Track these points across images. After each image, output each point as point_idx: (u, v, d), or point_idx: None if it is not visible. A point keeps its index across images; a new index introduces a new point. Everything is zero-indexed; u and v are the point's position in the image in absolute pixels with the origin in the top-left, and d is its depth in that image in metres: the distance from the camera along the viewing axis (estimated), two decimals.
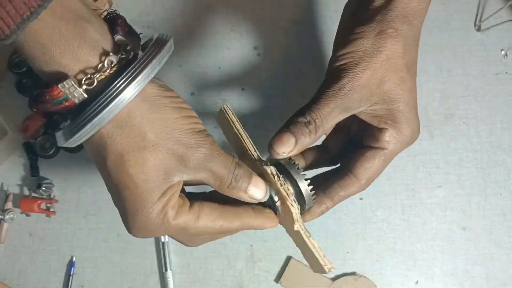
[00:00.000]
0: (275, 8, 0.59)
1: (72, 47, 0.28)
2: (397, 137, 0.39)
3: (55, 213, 0.54)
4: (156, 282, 0.52)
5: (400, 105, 0.38)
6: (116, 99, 0.28)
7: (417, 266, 0.51)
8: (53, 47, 0.28)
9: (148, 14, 0.59)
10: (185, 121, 0.32)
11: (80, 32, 0.28)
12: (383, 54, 0.37)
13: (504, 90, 0.55)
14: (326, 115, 0.38)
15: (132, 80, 0.29)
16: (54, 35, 0.28)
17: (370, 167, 0.39)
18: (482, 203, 0.53)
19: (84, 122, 0.29)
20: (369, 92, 0.38)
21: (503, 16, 0.56)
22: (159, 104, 0.31)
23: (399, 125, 0.39)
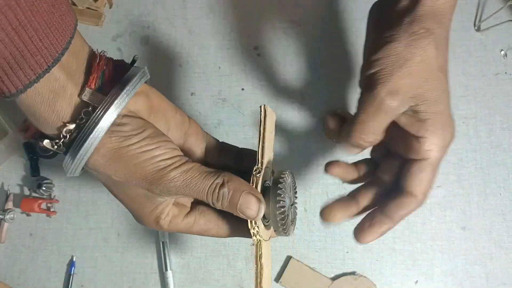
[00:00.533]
0: (275, 9, 0.59)
1: (45, 113, 0.34)
2: (438, 144, 0.37)
3: (56, 213, 0.54)
4: (156, 282, 0.52)
5: (440, 107, 0.37)
6: (75, 159, 0.34)
7: (416, 265, 0.51)
8: (33, 111, 0.34)
9: (148, 14, 0.59)
10: (145, 164, 0.34)
11: (53, 106, 0.33)
12: (418, 56, 0.36)
13: (503, 90, 0.55)
14: (372, 128, 0.37)
15: (79, 149, 0.34)
16: (35, 103, 0.33)
17: (422, 181, 0.38)
18: (482, 203, 0.53)
19: (69, 168, 0.36)
20: (408, 96, 0.36)
21: (503, 16, 0.57)
22: (116, 155, 0.34)
23: (439, 130, 0.37)
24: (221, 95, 0.57)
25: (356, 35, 0.57)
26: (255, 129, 0.55)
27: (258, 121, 0.38)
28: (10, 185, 0.56)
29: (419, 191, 0.38)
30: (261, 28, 0.58)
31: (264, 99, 0.56)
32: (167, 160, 0.35)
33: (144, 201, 0.36)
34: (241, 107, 0.56)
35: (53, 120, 0.34)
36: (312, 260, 0.52)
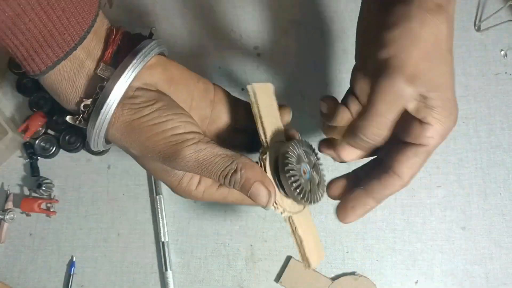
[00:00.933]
0: (275, 8, 0.59)
1: (68, 89, 0.34)
2: (440, 132, 0.35)
3: (56, 213, 0.54)
4: (156, 282, 0.52)
5: (449, 94, 0.34)
6: (92, 133, 0.34)
7: (416, 265, 0.51)
8: (56, 88, 0.34)
9: (148, 14, 0.59)
10: (157, 138, 0.34)
11: (74, 82, 0.34)
12: (432, 36, 0.32)
13: (503, 90, 0.55)
14: (386, 122, 0.35)
15: (94, 123, 0.34)
16: (57, 79, 0.34)
17: (413, 166, 0.36)
18: (482, 203, 0.53)
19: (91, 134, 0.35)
20: (423, 80, 0.33)
21: (503, 16, 0.57)
22: (129, 128, 0.34)
23: (445, 118, 0.34)
24: None
25: None
26: None
27: (250, 103, 0.38)
28: (10, 185, 0.56)
29: (407, 174, 0.36)
30: (261, 28, 0.58)
31: None
32: (180, 136, 0.34)
33: (166, 174, 0.36)
34: None
35: (73, 96, 0.34)
36: None
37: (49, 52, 0.31)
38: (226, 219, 0.53)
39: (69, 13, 0.31)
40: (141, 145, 0.34)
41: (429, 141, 0.35)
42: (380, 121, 0.34)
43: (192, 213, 0.54)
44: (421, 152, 0.35)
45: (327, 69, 0.57)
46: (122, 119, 0.34)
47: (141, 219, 0.54)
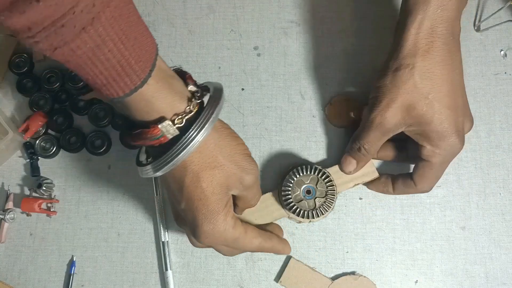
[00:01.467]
0: (275, 9, 0.59)
1: (168, 99, 0.36)
2: (437, 152, 0.44)
3: (56, 213, 0.54)
4: (156, 282, 0.52)
5: (432, 126, 0.43)
6: (199, 133, 0.37)
7: (416, 265, 0.52)
8: (154, 100, 0.36)
9: (148, 14, 0.59)
10: (241, 147, 0.41)
11: (171, 86, 0.37)
12: (402, 88, 0.42)
13: (503, 90, 0.55)
14: (369, 141, 0.46)
15: (208, 118, 0.37)
16: (155, 92, 0.36)
17: (423, 177, 0.46)
18: (481, 203, 0.53)
19: (178, 152, 0.36)
20: (401, 119, 0.43)
21: (502, 16, 0.57)
22: (223, 134, 0.40)
23: (436, 142, 0.43)
24: None
25: (356, 35, 0.57)
26: (255, 129, 0.56)
27: None
28: (10, 185, 0.56)
29: (419, 182, 0.47)
30: (261, 28, 0.58)
31: (264, 98, 0.56)
32: (248, 150, 0.42)
33: (224, 191, 0.40)
34: (241, 107, 0.56)
35: (178, 99, 0.37)
36: (312, 260, 0.52)
37: (127, 80, 0.34)
38: None
39: (140, 43, 0.34)
40: (230, 151, 0.40)
41: (429, 158, 0.45)
42: (362, 138, 0.47)
43: None
44: (426, 166, 0.45)
45: (327, 69, 0.57)
46: (219, 124, 0.40)
47: (141, 219, 0.54)
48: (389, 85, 0.43)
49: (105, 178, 0.55)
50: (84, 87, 0.57)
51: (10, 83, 0.58)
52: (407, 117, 0.43)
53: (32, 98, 0.57)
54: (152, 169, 0.38)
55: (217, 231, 0.40)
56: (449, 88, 0.43)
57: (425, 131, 0.43)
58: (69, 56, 0.31)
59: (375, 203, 0.53)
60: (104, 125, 0.56)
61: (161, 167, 0.37)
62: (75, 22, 0.29)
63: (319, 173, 0.50)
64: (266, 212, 0.51)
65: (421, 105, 0.42)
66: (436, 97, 0.42)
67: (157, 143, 0.37)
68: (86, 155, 0.56)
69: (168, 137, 0.36)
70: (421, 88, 0.42)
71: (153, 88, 0.35)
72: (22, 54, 0.58)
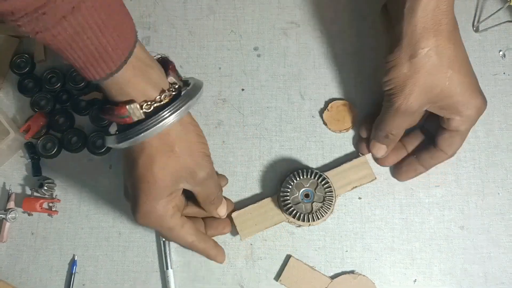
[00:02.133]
0: (275, 9, 0.59)
1: (140, 86, 0.39)
2: (465, 120, 0.46)
3: (57, 213, 0.54)
4: (157, 280, 0.53)
5: (455, 98, 0.45)
6: (164, 121, 0.39)
7: (415, 264, 0.52)
8: (127, 86, 0.38)
9: (149, 15, 0.59)
10: (201, 146, 0.43)
11: (146, 75, 0.39)
12: (422, 72, 0.44)
13: (502, 90, 0.56)
14: (396, 127, 0.48)
15: (176, 110, 0.39)
16: (130, 78, 0.38)
17: (452, 144, 0.49)
18: (480, 203, 0.53)
19: (139, 132, 0.39)
20: (425, 100, 0.45)
21: (501, 17, 0.57)
22: (188, 129, 0.42)
23: (462, 112, 0.46)
24: (221, 95, 0.57)
25: (356, 35, 0.58)
26: (255, 129, 0.56)
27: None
28: (12, 185, 0.56)
29: (449, 150, 0.49)
30: (261, 29, 0.59)
31: (264, 99, 0.57)
32: (209, 151, 0.45)
33: (172, 181, 0.42)
34: (241, 107, 0.57)
35: (150, 88, 0.40)
36: (312, 259, 0.52)
37: (103, 66, 0.36)
38: None
39: (119, 31, 0.36)
40: (188, 146, 0.42)
41: (457, 127, 0.47)
42: (390, 125, 0.48)
43: None
44: (455, 135, 0.48)
45: (327, 69, 0.57)
46: (186, 119, 0.42)
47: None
48: (408, 73, 0.44)
49: (106, 178, 0.55)
50: (85, 88, 0.57)
51: (12, 83, 0.58)
52: (430, 96, 0.45)
53: (33, 98, 0.57)
54: (115, 139, 0.40)
55: (153, 215, 0.42)
56: (460, 59, 0.45)
57: (450, 104, 0.45)
58: (50, 40, 0.33)
59: (374, 203, 0.53)
60: (105, 125, 0.56)
61: (122, 140, 0.40)
62: (56, 10, 0.32)
63: (319, 178, 0.50)
64: (266, 217, 0.51)
65: (443, 82, 0.44)
66: (452, 70, 0.44)
67: (122, 122, 0.39)
68: (87, 155, 0.56)
69: (133, 118, 0.39)
70: (439, 66, 0.44)
71: (128, 74, 0.38)
72: (23, 54, 0.58)
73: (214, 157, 0.55)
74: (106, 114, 0.40)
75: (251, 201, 0.53)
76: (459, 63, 0.45)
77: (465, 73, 0.45)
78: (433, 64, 0.43)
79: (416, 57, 0.43)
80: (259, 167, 0.55)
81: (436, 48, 0.43)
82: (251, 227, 0.51)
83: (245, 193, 0.54)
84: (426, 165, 0.51)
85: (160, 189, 0.42)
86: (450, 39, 0.44)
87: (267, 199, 0.52)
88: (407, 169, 0.52)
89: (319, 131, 0.55)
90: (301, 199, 0.50)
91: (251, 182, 0.54)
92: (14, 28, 0.33)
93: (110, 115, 0.39)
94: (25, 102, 0.58)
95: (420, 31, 0.43)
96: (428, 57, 0.43)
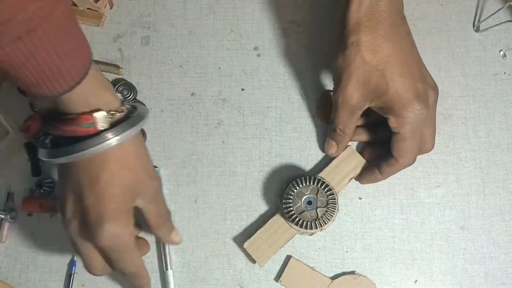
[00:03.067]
0: (275, 9, 0.59)
1: (104, 96, 0.41)
2: (401, 121, 0.46)
3: (57, 213, 0.54)
4: (156, 281, 0.53)
5: (389, 96, 0.45)
6: (122, 134, 0.40)
7: (416, 265, 0.52)
8: (90, 97, 0.40)
9: (149, 15, 0.59)
10: (150, 162, 0.45)
11: (103, 90, 0.41)
12: (353, 65, 0.45)
13: (502, 90, 0.55)
14: (341, 121, 0.49)
15: (133, 125, 0.41)
16: (92, 90, 0.40)
17: (399, 150, 0.48)
18: (481, 203, 0.53)
19: (94, 144, 0.39)
20: (361, 94, 0.46)
21: (502, 17, 0.57)
22: (141, 146, 0.45)
23: (399, 112, 0.45)
24: (221, 95, 0.57)
25: None
26: (255, 129, 0.56)
27: None
28: (12, 185, 0.56)
29: (399, 156, 0.48)
30: (261, 28, 0.58)
31: (264, 99, 0.56)
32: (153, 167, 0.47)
33: (130, 196, 0.42)
34: (241, 107, 0.57)
35: (103, 105, 0.41)
36: (312, 260, 0.52)
37: (56, 85, 0.37)
38: (226, 218, 0.54)
39: (74, 53, 0.37)
40: (145, 162, 0.44)
41: (397, 129, 0.46)
42: (336, 118, 0.49)
43: (192, 213, 0.54)
44: (399, 139, 0.47)
45: (327, 69, 0.57)
46: (132, 143, 0.43)
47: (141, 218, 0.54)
48: (342, 64, 0.45)
49: None
50: None
51: (11, 83, 0.58)
52: (365, 91, 0.46)
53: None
54: (63, 153, 0.40)
55: (117, 232, 0.41)
56: (400, 58, 0.45)
57: (385, 102, 0.46)
58: (3, 57, 0.34)
59: (374, 203, 0.53)
60: None
61: (69, 153, 0.40)
62: (11, 31, 0.33)
63: (318, 183, 0.50)
64: (277, 236, 0.51)
65: (374, 77, 0.45)
66: (386, 67, 0.45)
67: (84, 132, 0.39)
68: None
69: (98, 128, 0.39)
70: (369, 61, 0.45)
71: (89, 86, 0.39)
72: None
73: (214, 157, 0.55)
74: (69, 125, 0.40)
75: (259, 221, 0.53)
76: (397, 62, 0.45)
77: (403, 72, 0.45)
78: (362, 59, 0.44)
79: (346, 50, 0.45)
80: (259, 167, 0.55)
81: (365, 44, 0.44)
82: (266, 251, 0.51)
83: (245, 193, 0.54)
84: (383, 172, 0.50)
85: (123, 204, 0.42)
86: (387, 37, 0.45)
87: (272, 218, 0.51)
88: (366, 174, 0.52)
89: (319, 131, 0.55)
90: (304, 207, 0.50)
91: (251, 182, 0.54)
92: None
93: (74, 125, 0.39)
94: (24, 102, 0.58)
95: (352, 26, 0.44)
96: (358, 51, 0.44)
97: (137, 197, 0.43)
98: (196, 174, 0.55)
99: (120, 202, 0.41)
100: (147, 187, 0.44)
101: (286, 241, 0.51)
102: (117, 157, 0.41)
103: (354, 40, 0.45)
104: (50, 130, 0.42)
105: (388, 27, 0.45)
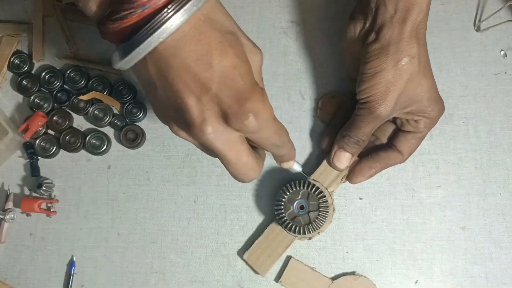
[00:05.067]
0: (275, 9, 0.59)
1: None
2: (429, 122, 0.48)
3: (56, 213, 0.54)
4: (156, 281, 0.52)
5: (423, 102, 0.47)
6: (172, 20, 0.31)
7: (416, 265, 0.51)
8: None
9: None
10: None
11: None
12: (404, 78, 0.45)
13: (503, 90, 0.55)
14: (366, 133, 0.48)
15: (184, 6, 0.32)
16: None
17: (411, 146, 0.50)
18: (481, 203, 0.53)
19: (148, 35, 0.31)
20: (397, 105, 0.46)
21: (503, 16, 0.57)
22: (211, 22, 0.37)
23: (428, 113, 0.48)
24: None
25: None
26: None
27: None
28: (10, 185, 0.56)
29: (407, 152, 0.50)
30: (261, 28, 0.58)
31: None
32: (244, 39, 0.42)
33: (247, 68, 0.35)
34: None
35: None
36: (312, 260, 0.52)
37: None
38: (226, 219, 0.53)
39: None
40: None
41: (423, 129, 0.49)
42: (361, 132, 0.49)
43: (192, 213, 0.54)
44: (417, 137, 0.50)
45: (327, 69, 0.57)
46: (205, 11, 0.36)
47: (141, 219, 0.54)
48: (392, 79, 0.45)
49: (104, 178, 0.55)
50: (83, 87, 0.57)
51: (10, 83, 0.58)
52: (403, 101, 0.46)
53: (32, 98, 0.57)
54: (119, 54, 0.34)
55: (262, 104, 0.34)
56: (429, 64, 0.47)
57: (419, 108, 0.47)
58: None
59: (375, 203, 0.53)
60: (104, 125, 0.56)
61: (127, 53, 0.33)
62: None
63: (308, 187, 0.50)
64: (276, 244, 0.51)
65: (417, 87, 0.46)
66: (426, 76, 0.46)
67: (142, 15, 0.31)
68: (86, 155, 0.56)
69: (158, 4, 0.31)
70: (418, 73, 0.45)
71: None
72: (22, 54, 0.58)
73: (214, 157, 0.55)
74: (124, 10, 0.31)
75: (259, 229, 0.53)
76: (430, 68, 0.47)
77: (431, 77, 0.47)
78: (414, 71, 0.45)
79: (401, 64, 0.44)
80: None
81: (418, 55, 0.45)
82: (267, 261, 0.51)
83: (245, 193, 0.54)
84: (381, 165, 0.50)
85: (251, 76, 0.35)
86: (426, 46, 0.46)
87: (268, 227, 0.51)
88: (363, 168, 0.51)
89: (319, 131, 0.55)
90: (297, 213, 0.50)
91: (251, 182, 0.54)
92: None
93: (124, 11, 0.31)
94: (23, 101, 0.58)
95: (407, 40, 0.44)
96: (411, 64, 0.44)
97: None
98: (196, 174, 0.55)
99: (246, 75, 0.34)
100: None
101: (285, 248, 0.51)
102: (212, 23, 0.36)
103: (409, 54, 0.44)
104: (111, 26, 0.33)
105: (424, 37, 0.46)
